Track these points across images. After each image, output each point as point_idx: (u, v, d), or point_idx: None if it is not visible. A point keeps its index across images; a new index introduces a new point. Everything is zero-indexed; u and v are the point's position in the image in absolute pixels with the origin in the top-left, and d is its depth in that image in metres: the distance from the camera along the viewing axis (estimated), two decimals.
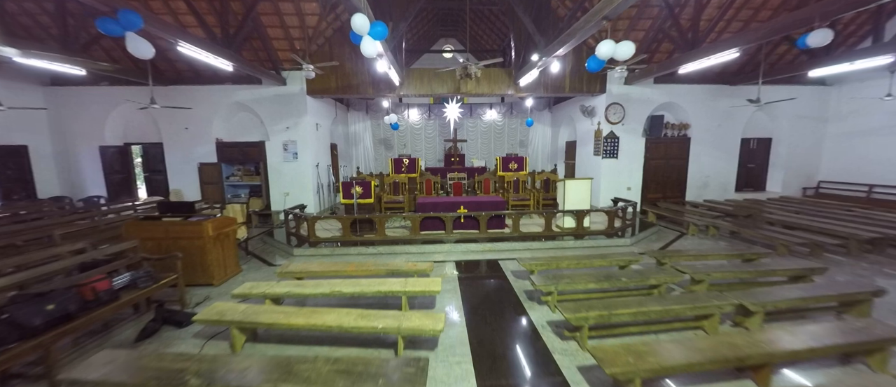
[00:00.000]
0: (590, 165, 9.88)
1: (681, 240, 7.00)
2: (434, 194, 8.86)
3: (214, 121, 8.91)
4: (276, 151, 8.93)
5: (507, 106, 12.92)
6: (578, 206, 7.05)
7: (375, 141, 13.02)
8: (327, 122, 10.37)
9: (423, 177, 8.93)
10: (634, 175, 9.50)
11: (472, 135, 13.17)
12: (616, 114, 9.14)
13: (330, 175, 10.17)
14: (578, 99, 10.35)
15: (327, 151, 10.33)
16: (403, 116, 12.85)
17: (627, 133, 9.27)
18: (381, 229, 6.63)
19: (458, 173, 8.99)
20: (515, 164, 8.97)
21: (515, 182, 8.89)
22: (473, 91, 8.79)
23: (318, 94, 8.82)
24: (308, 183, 9.03)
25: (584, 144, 10.19)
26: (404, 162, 8.84)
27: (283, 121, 8.83)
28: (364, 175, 8.86)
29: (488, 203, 6.91)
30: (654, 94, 9.21)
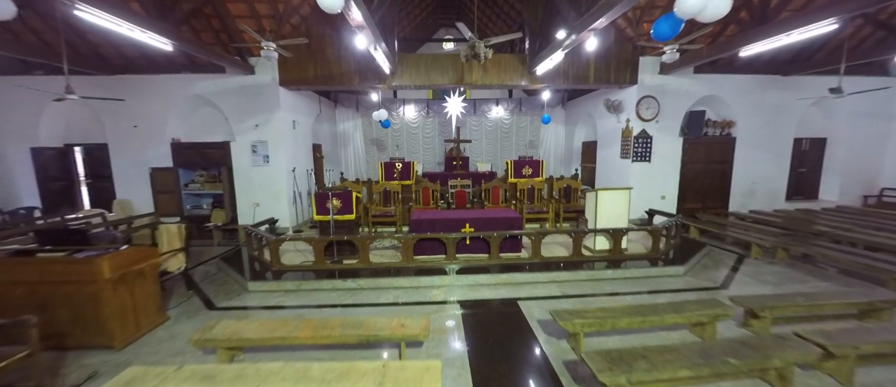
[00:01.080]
0: (615, 169, 8.43)
1: (745, 266, 5.54)
2: (433, 206, 7.40)
3: (170, 117, 7.45)
4: (243, 153, 7.46)
5: (515, 102, 11.47)
6: (614, 223, 5.59)
7: (367, 141, 11.55)
8: (308, 119, 8.91)
9: (420, 184, 7.47)
10: (670, 182, 8.04)
11: (477, 135, 11.71)
12: (649, 109, 7.68)
13: (311, 181, 8.71)
14: (602, 93, 8.89)
15: (308, 153, 8.86)
16: (398, 113, 11.39)
17: (662, 132, 7.81)
18: (365, 254, 5.16)
19: (461, 180, 7.54)
20: (530, 168, 7.51)
21: (530, 190, 7.43)
22: (479, 81, 7.33)
23: (293, 85, 7.35)
24: (282, 191, 7.56)
25: (608, 144, 8.73)
26: (397, 166, 7.38)
27: (251, 117, 7.36)
28: (348, 183, 7.41)
29: (500, 220, 5.45)
30: (693, 86, 7.75)
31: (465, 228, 5.41)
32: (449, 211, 6.04)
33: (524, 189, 7.42)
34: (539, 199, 7.51)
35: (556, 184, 7.47)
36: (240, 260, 5.80)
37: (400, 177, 7.42)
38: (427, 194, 7.39)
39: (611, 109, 8.24)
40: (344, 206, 5.47)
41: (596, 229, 5.49)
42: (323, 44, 7.09)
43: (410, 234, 5.21)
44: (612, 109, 8.23)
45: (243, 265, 5.54)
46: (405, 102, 11.26)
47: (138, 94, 7.27)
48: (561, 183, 7.49)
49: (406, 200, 7.42)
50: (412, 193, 7.38)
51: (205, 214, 7.60)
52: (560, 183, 7.49)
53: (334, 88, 7.67)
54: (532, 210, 7.02)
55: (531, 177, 7.54)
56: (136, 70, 7.21)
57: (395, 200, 7.30)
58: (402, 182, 7.39)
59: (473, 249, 5.51)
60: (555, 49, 5.64)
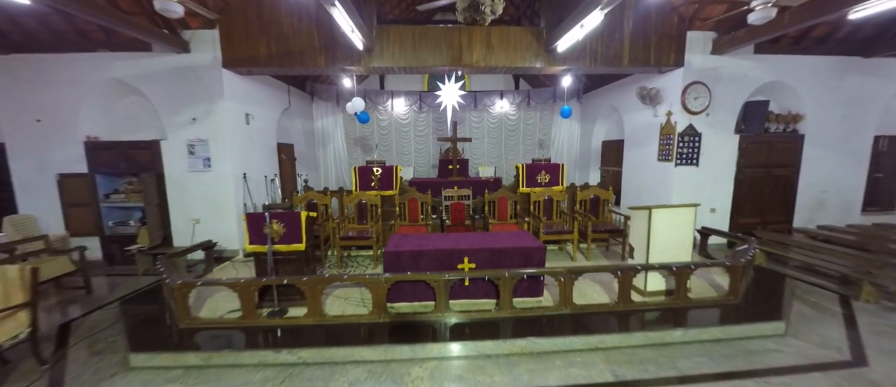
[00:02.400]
0: (650, 174, 6.77)
1: (861, 315, 3.87)
2: (422, 222, 5.72)
3: (83, 109, 5.78)
4: (177, 154, 5.80)
5: (522, 95, 9.81)
6: (675, 253, 3.94)
7: (349, 141, 9.88)
8: (271, 113, 7.24)
9: (406, 195, 5.79)
10: (722, 191, 6.39)
11: (478, 133, 10.04)
12: (698, 99, 6.03)
13: (276, 190, 7.04)
14: (630, 82, 7.23)
15: (270, 154, 7.20)
16: (386, 108, 9.72)
17: (713, 128, 6.16)
18: (314, 304, 3.50)
19: (458, 189, 5.87)
20: (546, 174, 5.85)
21: (546, 202, 5.76)
22: (482, 63, 5.67)
23: (241, 67, 5.69)
24: (228, 204, 5.90)
25: (640, 143, 7.07)
26: (374, 172, 5.70)
27: (186, 109, 5.70)
28: (313, 193, 5.72)
29: (513, 251, 3.79)
30: (754, 70, 6.10)
31: (462, 264, 3.75)
32: (440, 235, 4.37)
33: (539, 201, 5.76)
34: (558, 213, 5.85)
35: (581, 194, 5.81)
36: (154, 304, 4.14)
37: (379, 185, 5.75)
38: (415, 208, 5.72)
39: (646, 100, 6.58)
40: (289, 232, 3.80)
41: (649, 265, 3.83)
42: (277, 14, 5.42)
43: (383, 274, 3.55)
44: (647, 100, 6.56)
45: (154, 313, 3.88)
46: (394, 95, 9.59)
47: (41, 79, 5.61)
48: (586, 193, 5.82)
49: (388, 217, 5.76)
50: (395, 206, 5.71)
51: (133, 233, 5.94)
52: (585, 193, 5.82)
53: (295, 71, 6.02)
54: (550, 229, 5.35)
55: (548, 185, 5.88)
56: (38, 48, 5.54)
57: (373, 216, 5.64)
58: (382, 192, 5.72)
59: (475, 291, 3.85)
60: (590, 8, 3.97)
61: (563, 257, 5.54)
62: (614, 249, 5.84)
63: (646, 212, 3.96)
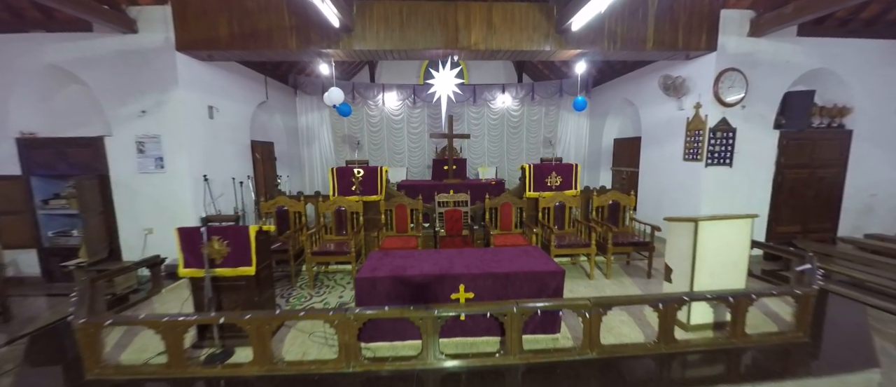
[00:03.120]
0: (673, 176, 5.93)
1: None
2: (412, 233, 4.87)
3: (13, 99, 4.93)
4: (124, 153, 4.95)
5: (526, 88, 8.96)
6: (728, 279, 3.11)
7: (337, 139, 9.03)
8: (243, 106, 6.39)
9: (393, 200, 4.94)
10: (758, 195, 5.56)
11: (477, 130, 9.20)
12: (733, 88, 5.19)
13: (248, 194, 6.19)
14: (649, 71, 6.40)
15: (242, 153, 6.35)
16: (376, 103, 8.87)
17: (749, 122, 5.33)
18: (261, 349, 2.67)
19: (454, 194, 5.02)
20: (557, 177, 5.01)
21: (557, 209, 4.92)
22: (481, 45, 4.82)
23: (198, 49, 4.84)
24: (186, 211, 5.04)
25: (661, 141, 6.24)
26: (355, 173, 4.85)
27: (135, 99, 4.85)
28: (283, 199, 4.86)
29: (523, 276, 2.95)
30: (796, 55, 5.26)
31: (457, 293, 2.91)
32: (430, 253, 3.53)
33: (549, 208, 4.92)
34: (571, 221, 5.01)
35: (597, 199, 4.96)
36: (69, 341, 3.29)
37: (361, 189, 4.90)
38: (403, 216, 4.87)
39: (670, 91, 5.74)
40: (235, 252, 2.96)
41: (699, 294, 3.00)
42: None
43: (354, 309, 2.70)
44: (671, 91, 5.72)
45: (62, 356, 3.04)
46: (385, 88, 8.74)
47: None
48: (604, 198, 4.97)
49: (372, 226, 4.92)
50: (381, 213, 4.87)
51: (77, 245, 5.09)
52: (602, 198, 4.97)
53: (261, 55, 5.13)
54: (563, 241, 4.51)
55: (560, 189, 5.04)
56: None
57: (354, 226, 4.79)
58: (365, 198, 4.88)
59: (473, 327, 3.02)
60: None
61: (576, 274, 4.70)
62: (637, 265, 5.00)
63: (690, 225, 3.12)
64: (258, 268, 3.03)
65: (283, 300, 4.06)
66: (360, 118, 9.00)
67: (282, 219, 4.90)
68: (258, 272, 3.04)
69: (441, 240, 4.72)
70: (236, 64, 6.18)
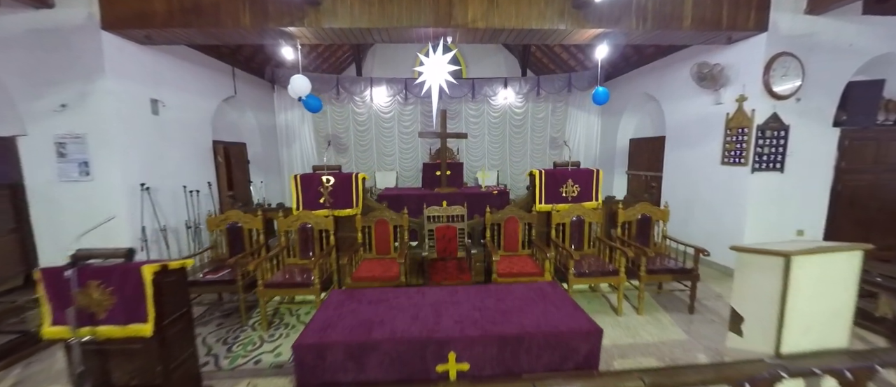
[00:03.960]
0: (708, 182, 5.02)
1: None
2: (393, 255, 3.95)
3: None
4: (41, 156, 4.03)
5: (530, 82, 8.04)
6: (828, 335, 2.19)
7: (320, 139, 8.12)
8: (201, 100, 5.47)
9: (373, 214, 4.00)
10: (813, 205, 4.64)
11: (476, 129, 8.30)
12: (787, 77, 4.27)
13: (208, 204, 5.28)
14: (682, 56, 5.48)
15: (201, 156, 5.42)
16: (364, 99, 7.95)
17: (804, 118, 4.41)
18: None
19: (447, 206, 4.08)
20: (574, 185, 4.09)
21: (575, 225, 4.00)
22: (481, 23, 3.90)
23: (130, 28, 3.92)
24: (119, 227, 4.11)
25: (691, 141, 5.33)
26: (324, 182, 3.92)
27: (53, 90, 3.93)
28: (234, 213, 3.92)
29: (542, 338, 2.03)
30: (862, 37, 4.34)
31: (445, 364, 1.99)
32: (412, 294, 2.61)
33: (565, 223, 3.99)
34: (591, 240, 4.08)
35: (624, 213, 4.02)
36: None
37: (332, 201, 3.96)
38: (384, 235, 3.95)
39: (706, 82, 4.81)
40: (123, 302, 2.03)
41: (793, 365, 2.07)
42: None
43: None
44: (708, 82, 4.80)
45: None
46: (374, 82, 7.82)
47: None
48: (631, 212, 4.04)
49: (346, 247, 3.99)
50: (357, 231, 3.94)
51: None
52: (630, 212, 4.04)
53: (208, 35, 4.16)
54: (585, 268, 3.58)
55: (577, 200, 4.11)
56: None
57: (322, 247, 3.87)
58: (337, 212, 3.95)
59: None
60: None
61: (598, 306, 3.78)
62: (673, 294, 4.08)
63: (775, 261, 2.19)
64: (161, 324, 2.10)
65: (224, 347, 3.14)
66: (346, 116, 8.09)
67: (235, 238, 3.98)
68: (161, 330, 2.11)
69: (431, 264, 3.79)
70: (193, 51, 5.26)
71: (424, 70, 4.09)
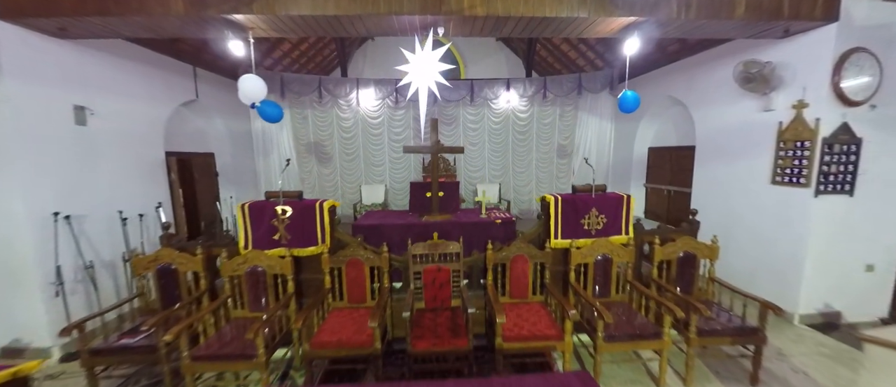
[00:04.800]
0: (752, 205, 4.18)
1: None
2: (369, 303, 3.10)
3: None
4: None
5: (536, 84, 7.20)
6: None
7: (300, 147, 7.28)
8: (149, 107, 4.63)
9: (344, 253, 3.14)
10: (887, 235, 3.78)
11: (476, 136, 7.47)
12: (861, 77, 3.44)
13: (148, 230, 4.42)
14: (719, 53, 4.64)
15: (149, 173, 4.57)
16: (349, 103, 7.11)
17: (880, 129, 3.58)
18: None
19: (438, 242, 3.22)
20: (600, 215, 3.24)
21: (599, 265, 3.15)
22: (480, 10, 3.05)
23: (34, 17, 3.07)
24: (25, 268, 3.26)
25: (730, 154, 4.49)
26: (279, 215, 3.07)
27: None
28: (168, 252, 3.08)
29: None
30: None
31: None
32: None
33: (588, 263, 3.15)
34: (622, 285, 3.24)
35: (661, 251, 3.18)
36: None
37: (290, 239, 3.11)
38: (358, 279, 3.10)
39: (754, 83, 3.97)
40: None
41: None
42: None
43: None
44: (757, 83, 3.95)
45: None
46: (360, 84, 6.97)
47: None
48: (671, 249, 3.19)
49: (311, 292, 3.15)
50: (324, 274, 3.09)
51: None
52: (668, 249, 3.19)
53: (134, 25, 3.28)
54: (620, 331, 2.74)
55: (602, 233, 3.26)
56: None
57: (278, 294, 3.03)
58: (297, 251, 3.10)
59: None
60: None
61: (632, 374, 2.94)
62: (726, 353, 3.23)
63: None
64: None
65: None
66: (329, 121, 7.25)
67: (169, 283, 3.13)
68: None
69: (417, 319, 2.93)
70: (140, 49, 4.43)
71: (410, 69, 3.24)
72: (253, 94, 3.23)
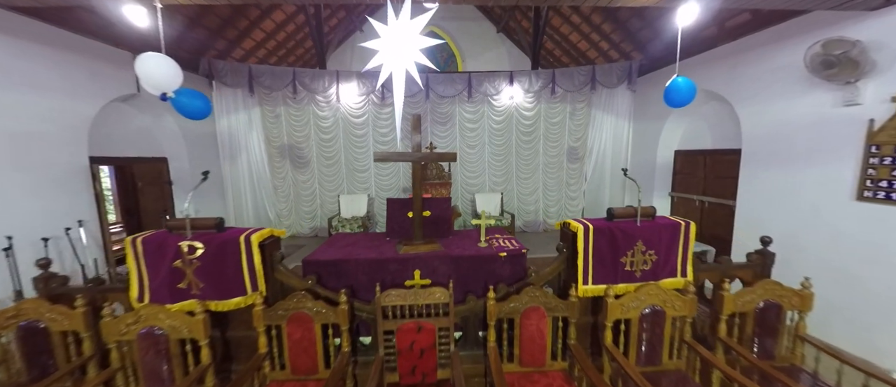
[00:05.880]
0: (830, 226, 3.26)
1: None
2: (321, 375, 2.18)
3: None
4: None
5: (543, 78, 6.27)
6: None
7: (272, 149, 6.35)
8: (71, 103, 3.71)
9: (286, 306, 2.20)
10: None
11: (474, 137, 6.55)
12: None
13: (86, 249, 3.51)
14: (783, 35, 3.72)
15: (65, 186, 3.65)
16: (327, 98, 6.19)
17: None
18: None
19: (420, 283, 2.30)
20: (649, 251, 2.30)
21: (649, 319, 2.22)
22: None
23: None
24: None
25: (793, 161, 3.57)
26: (184, 255, 2.14)
27: None
28: (32, 304, 2.19)
29: None
30: None
31: None
32: None
33: (632, 318, 2.23)
34: (678, 347, 2.31)
35: (733, 300, 2.26)
36: None
37: (203, 288, 2.18)
38: (307, 341, 2.19)
39: (834, 70, 3.05)
40: None
41: None
42: None
43: None
44: (842, 69, 3.03)
45: None
46: (340, 77, 6.05)
47: None
48: (747, 297, 2.27)
49: (243, 357, 2.22)
50: (258, 333, 2.17)
51: None
52: (745, 298, 2.27)
53: None
54: None
55: (650, 275, 2.33)
56: None
57: (188, 368, 2.10)
58: (214, 304, 2.17)
59: None
60: None
61: None
62: None
63: None
64: None
65: None
66: (305, 120, 6.32)
67: (38, 346, 2.20)
68: None
69: None
70: (53, 30, 3.52)
71: (380, 46, 2.32)
72: (159, 79, 2.29)
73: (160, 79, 2.28)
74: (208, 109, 2.73)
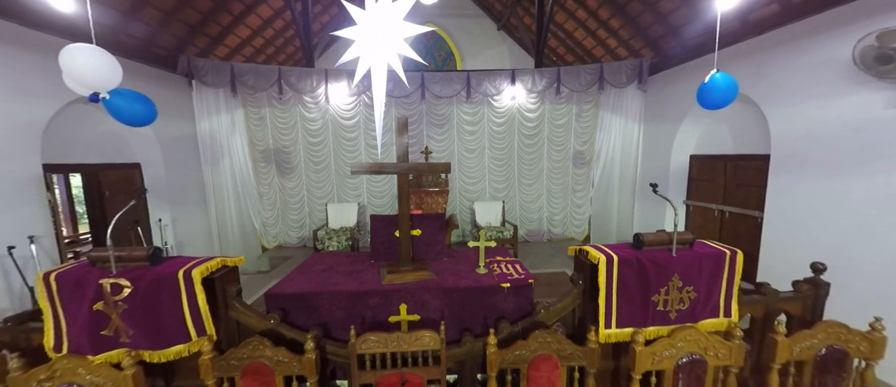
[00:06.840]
0: (873, 240, 2.83)
1: None
2: None
3: None
4: None
5: (547, 77, 5.85)
6: None
7: (256, 154, 5.94)
8: (21, 105, 3.29)
9: (241, 353, 1.78)
10: None
11: (473, 141, 6.13)
12: None
13: (36, 265, 3.10)
14: (820, 27, 3.30)
15: (15, 197, 3.23)
16: (315, 98, 5.78)
17: None
18: None
19: (406, 323, 1.88)
20: (687, 287, 1.87)
21: (686, 369, 1.80)
22: None
23: None
24: None
25: (833, 169, 3.15)
26: (107, 295, 1.72)
27: None
28: None
29: None
30: None
31: None
32: None
33: (667, 370, 1.80)
34: None
35: (787, 344, 1.85)
36: None
37: (132, 335, 1.77)
38: None
39: (891, 65, 2.63)
40: None
41: None
42: None
43: None
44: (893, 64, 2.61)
45: None
46: (329, 76, 5.64)
47: None
48: (808, 343, 1.85)
49: None
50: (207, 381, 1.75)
51: None
52: (803, 343, 1.85)
53: None
54: None
55: (688, 316, 1.90)
56: None
57: None
58: (148, 354, 1.75)
59: None
60: None
61: None
62: None
63: None
64: None
65: None
66: (292, 122, 5.91)
67: None
68: None
69: None
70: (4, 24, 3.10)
71: (356, 35, 1.90)
72: (88, 76, 1.87)
73: (87, 74, 1.86)
74: (152, 114, 2.30)
